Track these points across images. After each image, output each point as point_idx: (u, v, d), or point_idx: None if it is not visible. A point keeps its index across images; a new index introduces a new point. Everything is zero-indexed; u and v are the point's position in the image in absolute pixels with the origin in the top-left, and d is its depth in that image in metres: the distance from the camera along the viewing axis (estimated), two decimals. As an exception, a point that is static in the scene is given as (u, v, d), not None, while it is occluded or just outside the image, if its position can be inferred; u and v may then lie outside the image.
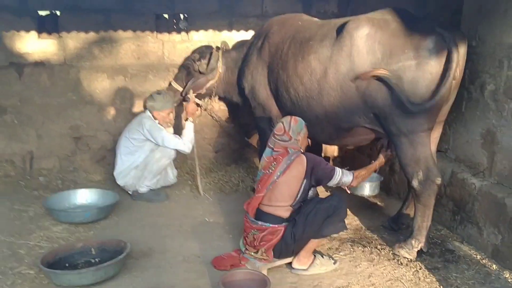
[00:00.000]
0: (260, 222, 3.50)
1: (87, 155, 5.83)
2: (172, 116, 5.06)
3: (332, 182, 3.60)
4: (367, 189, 4.19)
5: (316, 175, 3.55)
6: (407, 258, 3.80)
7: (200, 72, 5.13)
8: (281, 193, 3.50)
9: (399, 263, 3.77)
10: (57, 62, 5.60)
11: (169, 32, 5.90)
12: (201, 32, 5.95)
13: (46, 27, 5.57)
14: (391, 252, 3.92)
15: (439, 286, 3.45)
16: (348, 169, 3.70)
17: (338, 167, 3.67)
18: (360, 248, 4.02)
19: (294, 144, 3.59)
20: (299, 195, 3.52)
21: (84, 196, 4.73)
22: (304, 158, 3.52)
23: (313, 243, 3.60)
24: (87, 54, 5.68)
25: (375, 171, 4.00)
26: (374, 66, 3.60)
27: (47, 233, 4.21)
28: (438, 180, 3.74)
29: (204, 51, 5.18)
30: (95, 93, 5.76)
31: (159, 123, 4.89)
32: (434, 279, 3.53)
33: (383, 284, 3.48)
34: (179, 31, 5.94)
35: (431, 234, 4.08)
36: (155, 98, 4.90)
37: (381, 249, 4.00)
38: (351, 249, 3.99)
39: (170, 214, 4.73)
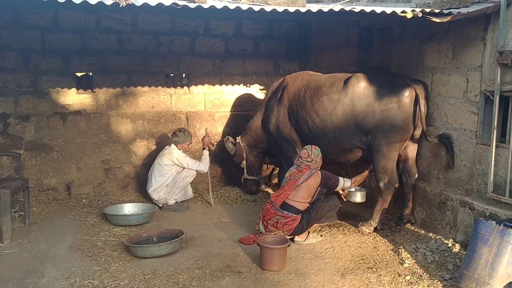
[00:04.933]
0: (285, 212, 5.25)
1: (114, 183, 7.40)
2: (190, 146, 6.81)
3: (338, 188, 5.53)
4: (359, 197, 5.89)
5: (326, 185, 5.42)
6: (367, 231, 5.71)
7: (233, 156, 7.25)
8: (303, 193, 5.30)
9: (363, 234, 5.66)
10: (92, 111, 7.24)
11: (175, 87, 7.72)
12: (199, 86, 7.83)
13: (83, 85, 7.21)
14: (356, 229, 5.82)
15: (390, 244, 5.38)
16: (348, 178, 5.65)
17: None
18: (335, 229, 5.88)
19: (314, 164, 5.45)
20: (314, 196, 5.36)
21: (131, 207, 6.33)
22: (320, 173, 5.39)
23: (314, 226, 5.44)
24: (115, 104, 7.35)
25: (363, 181, 5.87)
26: (368, 107, 5.52)
27: (111, 233, 5.74)
28: (396, 184, 5.70)
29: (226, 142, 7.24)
30: (121, 134, 7.41)
31: (182, 152, 6.62)
32: (386, 241, 5.46)
33: (355, 245, 5.36)
34: (182, 86, 7.78)
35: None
36: (178, 135, 6.63)
37: (349, 228, 5.89)
38: (330, 230, 5.85)
39: (194, 218, 6.40)
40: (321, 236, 5.59)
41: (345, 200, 5.81)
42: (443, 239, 5.26)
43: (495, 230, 4.20)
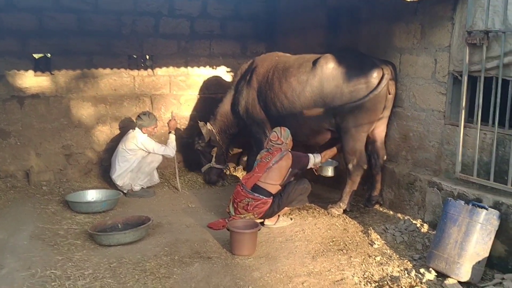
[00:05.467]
0: (256, 194, 5.15)
1: (76, 169, 7.11)
2: (156, 130, 6.60)
3: (310, 165, 5.46)
4: (330, 171, 5.88)
5: (298, 165, 5.36)
6: (336, 213, 5.68)
7: (207, 143, 6.78)
8: (274, 175, 5.21)
9: (332, 216, 5.64)
10: (51, 94, 6.89)
11: (138, 69, 7.45)
12: (164, 68, 7.58)
13: (41, 67, 6.85)
14: (326, 212, 5.78)
15: (359, 225, 5.37)
16: (318, 153, 5.58)
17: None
18: (305, 211, 5.83)
19: (284, 146, 5.37)
20: (285, 178, 5.28)
21: (94, 194, 6.10)
22: (290, 155, 5.31)
23: (285, 209, 5.37)
24: (75, 87, 7.03)
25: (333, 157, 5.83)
26: (337, 88, 5.42)
27: (74, 221, 5.52)
28: (365, 166, 5.68)
29: (199, 132, 6.77)
30: (82, 118, 7.11)
31: (147, 136, 6.41)
32: (355, 222, 5.46)
33: (325, 227, 5.32)
34: (146, 68, 7.51)
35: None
36: (143, 118, 6.40)
37: (319, 211, 5.86)
38: (299, 213, 5.79)
39: (161, 204, 6.23)
40: (291, 219, 5.53)
41: (316, 174, 5.78)
42: (411, 220, 5.28)
43: (464, 210, 4.22)
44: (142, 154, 6.35)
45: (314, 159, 5.47)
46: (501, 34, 4.37)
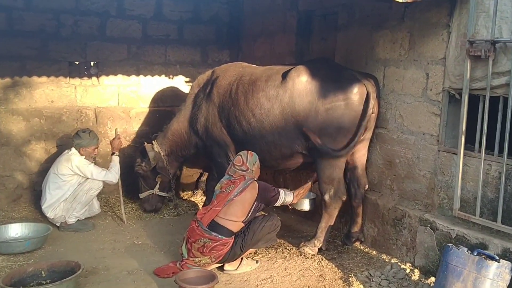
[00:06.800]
0: (214, 233, 4.20)
1: (3, 195, 5.99)
2: (96, 151, 5.58)
3: (278, 203, 4.56)
4: (306, 205, 5.00)
5: (264, 199, 4.44)
6: (311, 254, 4.80)
7: (152, 167, 5.80)
8: (236, 210, 4.27)
9: (306, 257, 4.75)
10: (-27, 106, 5.80)
11: (81, 77, 6.42)
12: (111, 77, 6.58)
13: (-40, 73, 5.77)
14: (297, 250, 4.89)
15: (338, 270, 4.50)
16: (290, 190, 4.70)
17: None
18: (273, 251, 4.92)
19: (250, 173, 4.45)
20: (250, 214, 4.34)
21: (18, 229, 5.03)
22: (257, 185, 4.38)
23: (249, 250, 4.45)
24: (3, 98, 5.95)
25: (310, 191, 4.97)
26: (311, 105, 4.59)
27: (-12, 265, 4.48)
28: (344, 197, 4.83)
29: (142, 152, 5.81)
30: (11, 135, 6.01)
31: (85, 158, 5.39)
32: (333, 265, 4.58)
33: (297, 273, 4.42)
34: (90, 76, 6.48)
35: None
36: (82, 136, 5.38)
37: (290, 249, 4.96)
38: (267, 253, 4.87)
39: (100, 240, 5.18)
40: (257, 262, 4.61)
41: (290, 208, 4.93)
42: (399, 263, 4.46)
43: (470, 261, 3.44)
44: (79, 180, 5.32)
45: (284, 198, 4.57)
46: (511, 45, 3.60)
